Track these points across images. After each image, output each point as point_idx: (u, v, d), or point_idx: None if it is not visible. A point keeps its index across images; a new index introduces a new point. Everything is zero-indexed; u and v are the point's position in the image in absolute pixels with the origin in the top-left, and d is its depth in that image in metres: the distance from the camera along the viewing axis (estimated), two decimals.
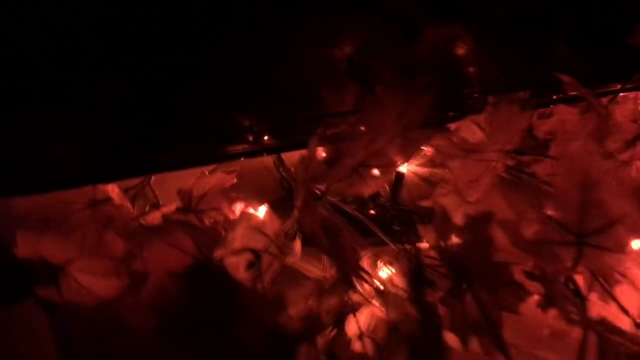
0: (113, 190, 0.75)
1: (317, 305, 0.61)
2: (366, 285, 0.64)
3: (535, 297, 0.60)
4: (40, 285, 0.63)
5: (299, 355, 0.62)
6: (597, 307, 0.62)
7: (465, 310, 0.60)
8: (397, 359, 0.62)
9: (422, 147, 0.79)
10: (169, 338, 0.59)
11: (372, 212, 0.83)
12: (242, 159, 0.81)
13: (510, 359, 0.58)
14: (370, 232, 0.74)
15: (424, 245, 0.67)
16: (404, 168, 0.82)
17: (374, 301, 0.63)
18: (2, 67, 0.65)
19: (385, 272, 0.67)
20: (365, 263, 0.65)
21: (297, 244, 0.65)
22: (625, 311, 0.62)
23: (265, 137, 0.83)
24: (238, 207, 0.81)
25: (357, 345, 0.64)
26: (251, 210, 0.81)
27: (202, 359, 0.60)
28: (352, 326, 0.65)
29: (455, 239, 0.63)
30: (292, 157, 0.85)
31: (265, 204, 0.82)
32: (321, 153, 0.76)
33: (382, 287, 0.64)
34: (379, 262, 0.67)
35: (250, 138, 0.83)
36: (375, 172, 0.77)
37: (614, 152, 0.70)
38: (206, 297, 0.60)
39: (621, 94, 0.82)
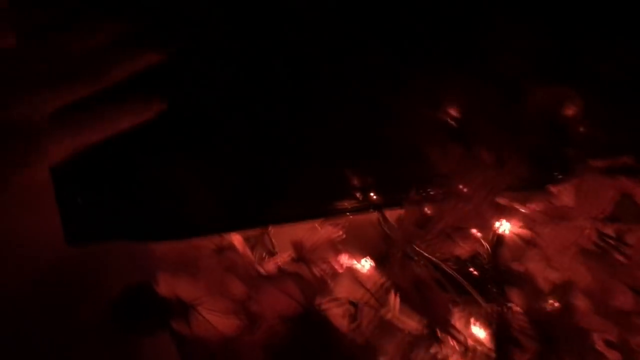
0: (237, 239, 0.86)
1: (408, 357, 0.66)
2: (455, 342, 0.68)
3: None
4: (175, 319, 0.74)
5: None
6: None
7: None
8: None
9: (522, 209, 0.82)
10: None
11: (471, 270, 0.86)
12: (349, 215, 0.88)
13: None
14: (465, 290, 0.77)
15: (515, 306, 0.70)
16: (505, 228, 0.85)
17: (462, 358, 0.67)
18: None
19: (475, 330, 0.70)
20: (456, 320, 0.70)
21: (394, 299, 0.71)
22: None
23: (372, 194, 0.88)
24: (343, 259, 0.89)
25: None
26: (355, 263, 0.88)
27: None
28: None
29: (543, 303, 0.66)
30: (395, 214, 0.91)
31: (369, 257, 0.88)
32: (425, 211, 0.81)
33: (470, 345, 0.68)
34: (469, 320, 0.71)
35: (358, 195, 0.88)
36: (474, 232, 0.81)
37: None
38: (310, 342, 0.67)
39: None
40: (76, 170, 0.64)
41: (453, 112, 0.82)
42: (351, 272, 0.75)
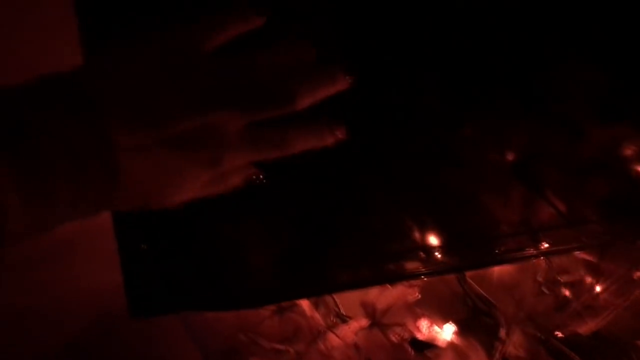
0: (302, 301, 0.81)
1: None
2: None
3: None
4: None
5: None
6: None
7: None
8: None
9: None
10: None
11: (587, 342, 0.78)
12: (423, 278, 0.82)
13: None
14: None
15: None
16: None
17: None
18: None
19: None
20: None
21: None
22: None
23: (438, 255, 0.83)
24: (423, 324, 0.82)
25: None
26: (436, 328, 0.81)
27: None
28: None
29: None
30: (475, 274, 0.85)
31: (451, 322, 0.81)
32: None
33: None
34: None
35: (423, 254, 0.83)
36: None
37: None
38: None
39: None
40: (140, 219, 0.64)
41: (518, 155, 0.78)
42: (454, 347, 0.68)
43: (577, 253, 0.78)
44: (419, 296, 0.81)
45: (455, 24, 0.71)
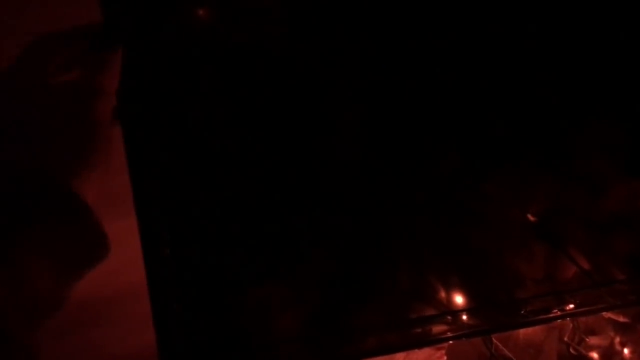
0: None
1: None
2: None
3: None
4: None
5: None
6: None
7: None
8: None
9: None
10: None
11: None
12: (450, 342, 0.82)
13: None
14: None
15: None
16: None
17: None
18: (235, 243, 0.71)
19: None
20: None
21: None
22: None
23: (465, 318, 0.82)
24: None
25: None
26: None
27: None
28: None
29: None
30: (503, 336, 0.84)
31: None
32: None
33: None
34: None
35: (449, 318, 0.83)
36: None
37: None
38: None
39: None
40: (173, 283, 0.64)
41: (541, 212, 0.78)
42: None
43: (604, 313, 0.78)
44: (446, 359, 0.80)
45: (478, 82, 0.72)
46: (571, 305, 0.74)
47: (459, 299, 0.79)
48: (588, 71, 0.73)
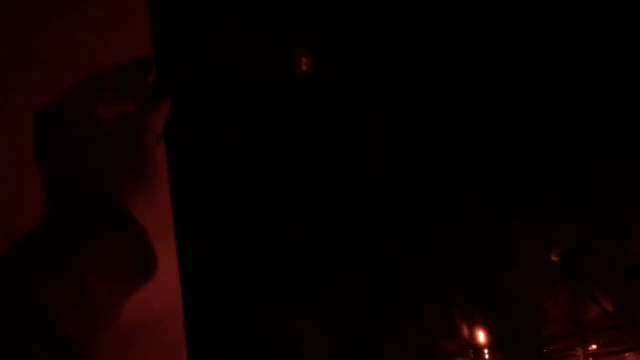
0: None
1: None
2: None
3: None
4: None
5: None
6: None
7: None
8: None
9: None
10: None
11: None
12: None
13: None
14: None
15: None
16: None
17: None
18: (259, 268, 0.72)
19: None
20: None
21: None
22: None
23: (487, 354, 0.82)
24: None
25: None
26: None
27: None
28: None
29: None
30: None
31: None
32: None
33: None
34: None
35: (472, 354, 0.82)
36: None
37: None
38: None
39: None
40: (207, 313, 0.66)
41: (565, 251, 0.78)
42: None
43: (627, 354, 0.78)
44: None
45: (502, 124, 0.74)
46: (594, 346, 0.74)
47: (482, 336, 0.79)
48: (613, 110, 0.74)
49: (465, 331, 0.80)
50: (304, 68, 0.69)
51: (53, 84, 0.49)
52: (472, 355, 0.79)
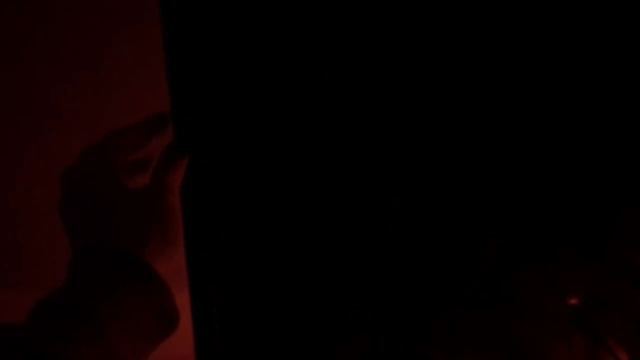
0: None
1: None
2: None
3: None
4: None
5: None
6: None
7: None
8: None
9: None
10: None
11: None
12: None
13: None
14: None
15: None
16: None
17: None
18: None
19: None
20: None
21: None
22: None
23: None
24: None
25: None
26: None
27: None
28: None
29: None
30: None
31: None
32: None
33: None
34: None
35: None
36: None
37: None
38: None
39: None
40: None
41: (578, 302, 0.77)
42: None
43: None
44: None
45: (515, 173, 0.74)
46: None
47: None
48: (621, 157, 0.74)
49: None
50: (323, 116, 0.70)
51: (75, 147, 0.51)
52: None
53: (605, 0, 0.67)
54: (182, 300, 0.64)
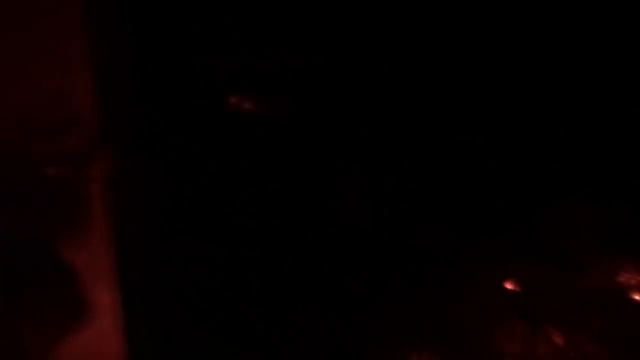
0: None
1: None
2: None
3: None
4: None
5: None
6: None
7: None
8: None
9: None
10: None
11: None
12: None
13: None
14: None
15: None
16: None
17: None
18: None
19: None
20: None
21: None
22: None
23: None
24: None
25: None
26: None
27: None
28: None
29: None
30: None
31: None
32: None
33: None
34: None
35: None
36: None
37: None
38: None
39: None
40: None
41: (517, 289, 0.78)
42: None
43: None
44: None
45: (454, 160, 0.74)
46: None
47: None
48: (568, 148, 0.75)
49: None
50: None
51: None
52: None
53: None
54: (113, 297, 0.62)
